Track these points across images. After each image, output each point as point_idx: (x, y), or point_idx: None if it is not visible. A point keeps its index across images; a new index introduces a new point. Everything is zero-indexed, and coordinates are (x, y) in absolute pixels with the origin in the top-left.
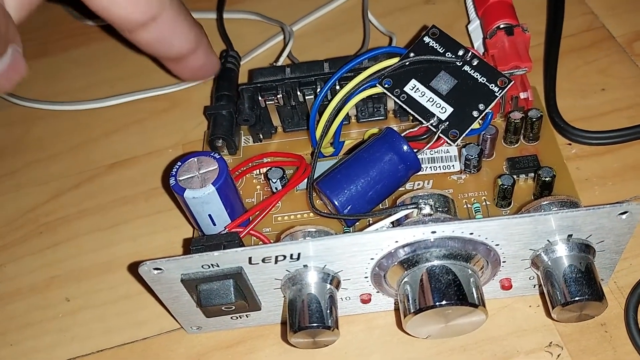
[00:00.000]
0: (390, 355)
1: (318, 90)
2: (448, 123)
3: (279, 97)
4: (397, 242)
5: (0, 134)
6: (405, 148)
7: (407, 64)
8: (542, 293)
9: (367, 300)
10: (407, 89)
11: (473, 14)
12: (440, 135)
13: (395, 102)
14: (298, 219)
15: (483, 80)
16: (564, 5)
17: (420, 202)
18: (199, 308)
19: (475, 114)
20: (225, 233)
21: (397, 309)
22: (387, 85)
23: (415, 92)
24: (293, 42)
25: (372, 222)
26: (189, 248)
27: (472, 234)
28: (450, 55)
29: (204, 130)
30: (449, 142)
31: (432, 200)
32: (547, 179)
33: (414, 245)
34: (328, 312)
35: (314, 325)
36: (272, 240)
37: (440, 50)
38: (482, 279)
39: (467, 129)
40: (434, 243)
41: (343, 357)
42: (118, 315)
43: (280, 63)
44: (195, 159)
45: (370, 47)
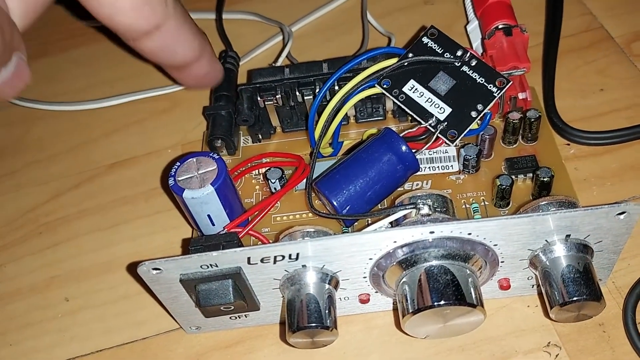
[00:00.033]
0: (389, 355)
1: (317, 91)
2: (446, 123)
3: (278, 97)
4: (395, 242)
5: (0, 134)
6: (404, 148)
7: (405, 65)
8: (540, 293)
9: (365, 301)
10: (405, 90)
11: (472, 15)
12: (439, 136)
13: (394, 102)
14: (297, 219)
15: (481, 81)
16: (563, 6)
17: (419, 202)
18: (198, 308)
19: (474, 115)
20: (224, 233)
21: (395, 309)
22: (385, 86)
23: (414, 92)
24: (292, 42)
25: (370, 222)
26: (188, 248)
27: (470, 234)
28: (449, 56)
29: (203, 131)
30: (448, 142)
31: (430, 201)
32: (545, 180)
33: (413, 246)
34: (326, 312)
35: (313, 325)
36: (270, 241)
37: (439, 51)
38: (480, 279)
39: (465, 130)
40: (433, 243)
41: (342, 357)
42: (117, 316)
43: (279, 63)
44: (194, 159)
45: (369, 47)
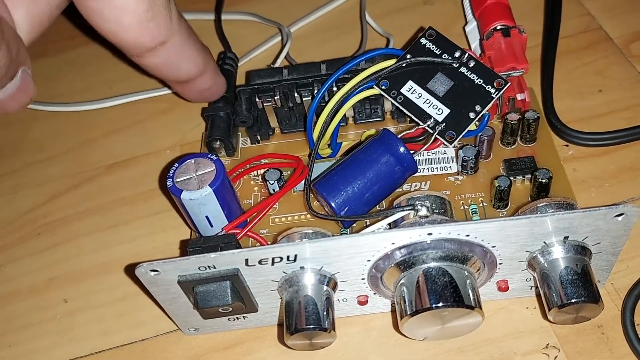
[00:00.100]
0: (387, 357)
1: (315, 92)
2: (445, 124)
3: (277, 98)
4: (393, 243)
5: None
6: (402, 150)
7: (404, 66)
8: (538, 295)
9: (364, 302)
10: (403, 91)
11: (470, 16)
12: (437, 137)
13: (392, 103)
14: (295, 221)
15: (480, 82)
16: (561, 7)
17: (417, 203)
18: (196, 310)
19: (472, 116)
20: (222, 235)
21: (394, 311)
22: (384, 87)
23: (412, 93)
24: (291, 43)
25: (369, 223)
26: (186, 249)
27: (468, 236)
28: (447, 57)
29: (202, 132)
30: (446, 143)
31: (428, 202)
32: (543, 181)
33: (411, 247)
34: (325, 313)
35: (311, 327)
36: (269, 242)
37: (437, 52)
38: (478, 281)
39: (463, 131)
40: (431, 245)
41: (340, 358)
42: (116, 317)
43: (278, 64)
44: (193, 161)
45: (368, 48)
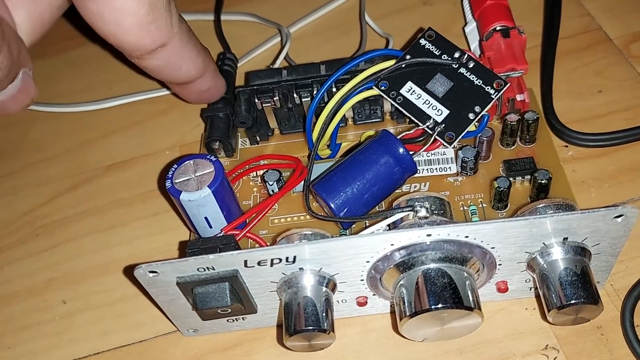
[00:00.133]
0: (387, 358)
1: (315, 93)
2: (444, 125)
3: (276, 99)
4: (392, 245)
5: None
6: (401, 150)
7: (403, 67)
8: (538, 296)
9: (363, 303)
10: (403, 91)
11: (470, 16)
12: (437, 138)
13: (392, 104)
14: (294, 222)
15: (479, 83)
16: (561, 7)
17: (416, 204)
18: (195, 311)
19: (472, 117)
20: (221, 236)
21: (393, 312)
22: (383, 88)
23: (412, 94)
24: (290, 44)
25: (368, 224)
26: (185, 251)
27: (467, 237)
28: (447, 58)
29: (201, 133)
30: (445, 144)
31: (427, 203)
32: (543, 182)
33: (410, 248)
34: (324, 315)
35: (310, 329)
36: (268, 243)
37: (437, 53)
38: (478, 282)
39: (463, 132)
40: (430, 246)
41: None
42: (115, 318)
43: (277, 65)
44: (192, 162)
45: (367, 49)
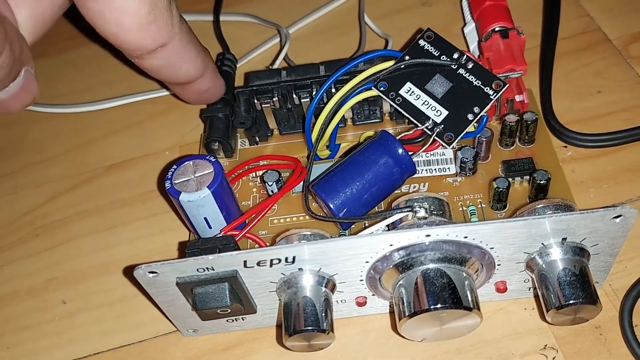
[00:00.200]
0: (386, 358)
1: (314, 93)
2: (443, 126)
3: (275, 100)
4: (392, 245)
5: None
6: (400, 151)
7: (402, 67)
8: (537, 296)
9: (362, 303)
10: (402, 92)
11: (469, 17)
12: (436, 138)
13: (391, 105)
14: (294, 222)
15: (478, 83)
16: (560, 8)
17: (415, 205)
18: (195, 311)
19: (470, 117)
20: (221, 236)
21: (392, 312)
22: (382, 88)
23: (411, 95)
24: (289, 44)
25: (367, 225)
26: (185, 251)
27: (466, 238)
28: (446, 58)
29: (201, 133)
30: (444, 145)
31: (427, 204)
32: (542, 182)
33: (409, 249)
34: (323, 315)
35: (309, 329)
36: (267, 243)
37: (436, 53)
38: (477, 282)
39: (462, 132)
40: (429, 246)
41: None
42: (115, 318)
43: (277, 66)
44: (191, 162)
45: (366, 49)
